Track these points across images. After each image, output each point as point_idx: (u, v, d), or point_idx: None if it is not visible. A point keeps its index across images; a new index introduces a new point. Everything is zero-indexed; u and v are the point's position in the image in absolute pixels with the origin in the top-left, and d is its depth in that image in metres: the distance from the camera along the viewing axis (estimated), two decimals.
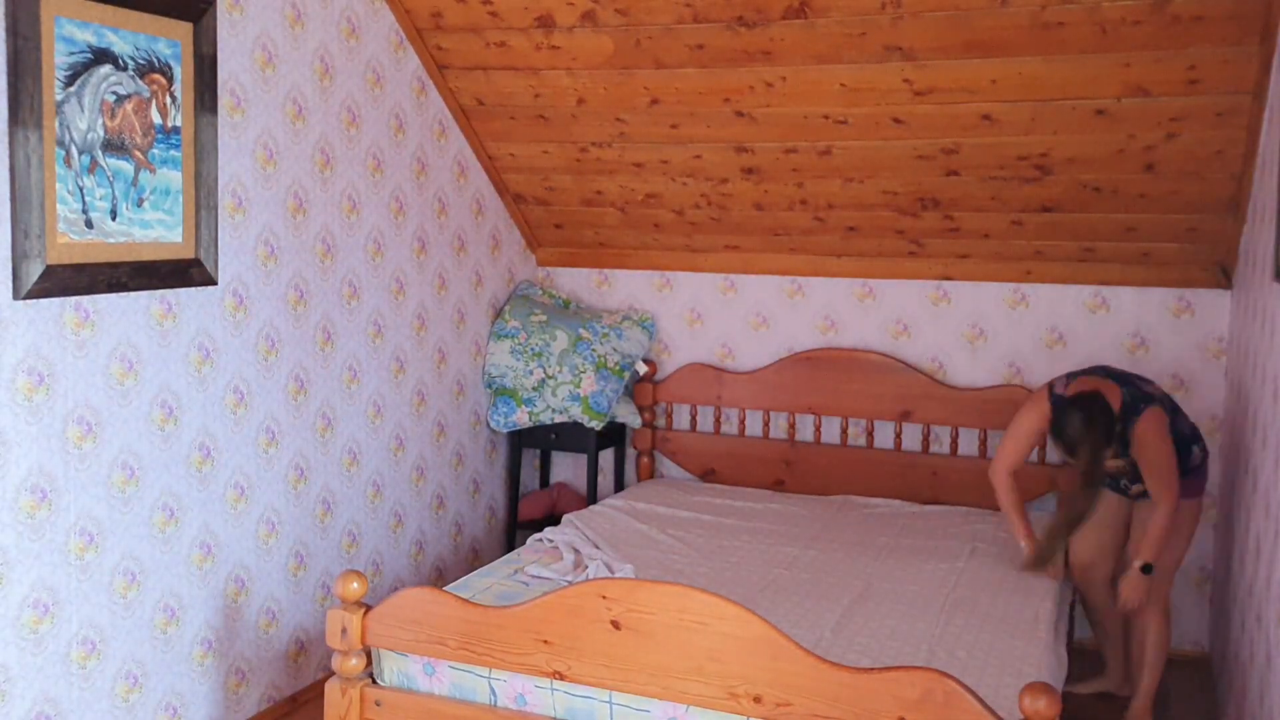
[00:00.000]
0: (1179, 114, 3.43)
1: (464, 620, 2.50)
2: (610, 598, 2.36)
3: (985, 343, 4.34)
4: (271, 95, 3.33)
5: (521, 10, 3.67)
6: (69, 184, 2.66)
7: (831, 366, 4.46)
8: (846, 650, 2.70)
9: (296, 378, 3.50)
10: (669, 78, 3.80)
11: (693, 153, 4.13)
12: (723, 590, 2.98)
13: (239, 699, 3.34)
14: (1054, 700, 2.02)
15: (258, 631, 3.41)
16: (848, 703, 2.16)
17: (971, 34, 3.32)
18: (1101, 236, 4.03)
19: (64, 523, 2.75)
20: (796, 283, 4.59)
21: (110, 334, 2.84)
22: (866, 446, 4.47)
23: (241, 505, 3.31)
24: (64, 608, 2.77)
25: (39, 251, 2.59)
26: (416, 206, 4.08)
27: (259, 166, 3.30)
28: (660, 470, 4.84)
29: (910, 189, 4.02)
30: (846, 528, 3.85)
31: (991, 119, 3.62)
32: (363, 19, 3.71)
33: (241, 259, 3.25)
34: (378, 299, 3.89)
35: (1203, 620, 4.12)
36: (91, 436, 2.81)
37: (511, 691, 2.52)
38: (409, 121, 4.00)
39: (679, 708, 2.35)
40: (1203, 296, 4.06)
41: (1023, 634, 2.88)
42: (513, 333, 4.56)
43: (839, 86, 3.64)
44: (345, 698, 2.60)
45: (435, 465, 4.29)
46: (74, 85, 2.65)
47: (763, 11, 3.43)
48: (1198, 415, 4.07)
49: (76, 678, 2.81)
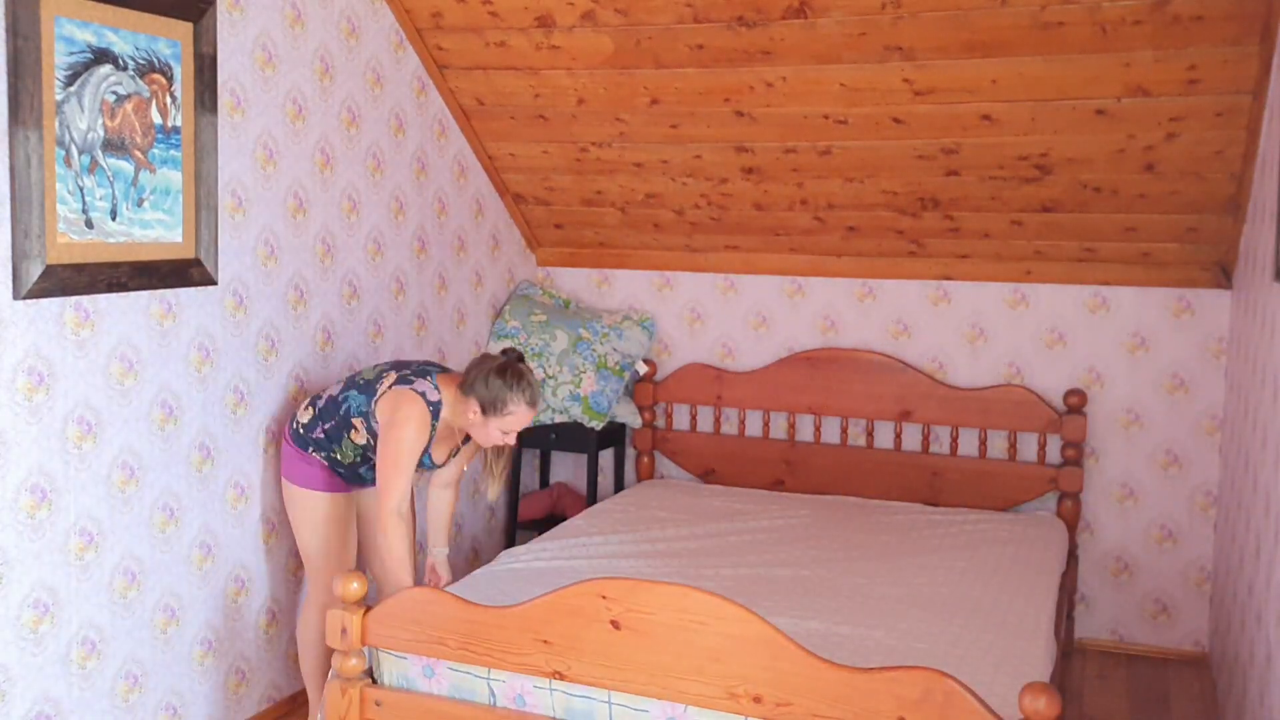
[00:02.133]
0: (1179, 114, 3.43)
1: (464, 620, 2.50)
2: (610, 598, 2.36)
3: (985, 343, 4.34)
4: (271, 95, 3.33)
5: (521, 10, 3.67)
6: (69, 184, 2.66)
7: (831, 366, 4.46)
8: (846, 650, 2.70)
9: (296, 378, 3.50)
10: (669, 78, 3.80)
11: (693, 153, 4.13)
12: (723, 590, 2.97)
13: (239, 699, 3.34)
14: (1054, 700, 2.02)
15: (258, 631, 3.41)
16: (848, 703, 2.16)
17: (971, 34, 3.32)
18: (1101, 236, 4.03)
19: (64, 523, 2.75)
20: (796, 282, 4.59)
21: (110, 334, 2.84)
22: (866, 446, 4.47)
23: (241, 505, 3.31)
24: (64, 608, 2.77)
25: (39, 251, 2.59)
26: (416, 206, 4.08)
27: (259, 166, 3.30)
28: (660, 470, 4.84)
29: (910, 189, 4.02)
30: (846, 528, 3.85)
31: (991, 119, 3.62)
32: (363, 19, 3.71)
33: (241, 259, 3.25)
34: (378, 299, 3.89)
35: (1203, 620, 4.12)
36: (91, 436, 2.81)
37: (510, 692, 2.52)
38: (409, 121, 4.00)
39: (678, 708, 2.35)
40: (1203, 296, 4.06)
41: (1023, 634, 2.87)
42: (513, 333, 4.56)
43: (839, 86, 3.64)
44: (345, 698, 2.59)
45: None
46: (74, 85, 2.65)
47: (763, 11, 3.43)
48: (1198, 415, 4.08)
49: (76, 677, 2.81)
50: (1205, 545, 4.09)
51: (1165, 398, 4.12)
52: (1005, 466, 4.23)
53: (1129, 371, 4.16)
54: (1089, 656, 4.17)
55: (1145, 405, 4.15)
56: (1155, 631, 4.18)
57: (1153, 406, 4.14)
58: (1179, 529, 4.13)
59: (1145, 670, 4.04)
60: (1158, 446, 4.14)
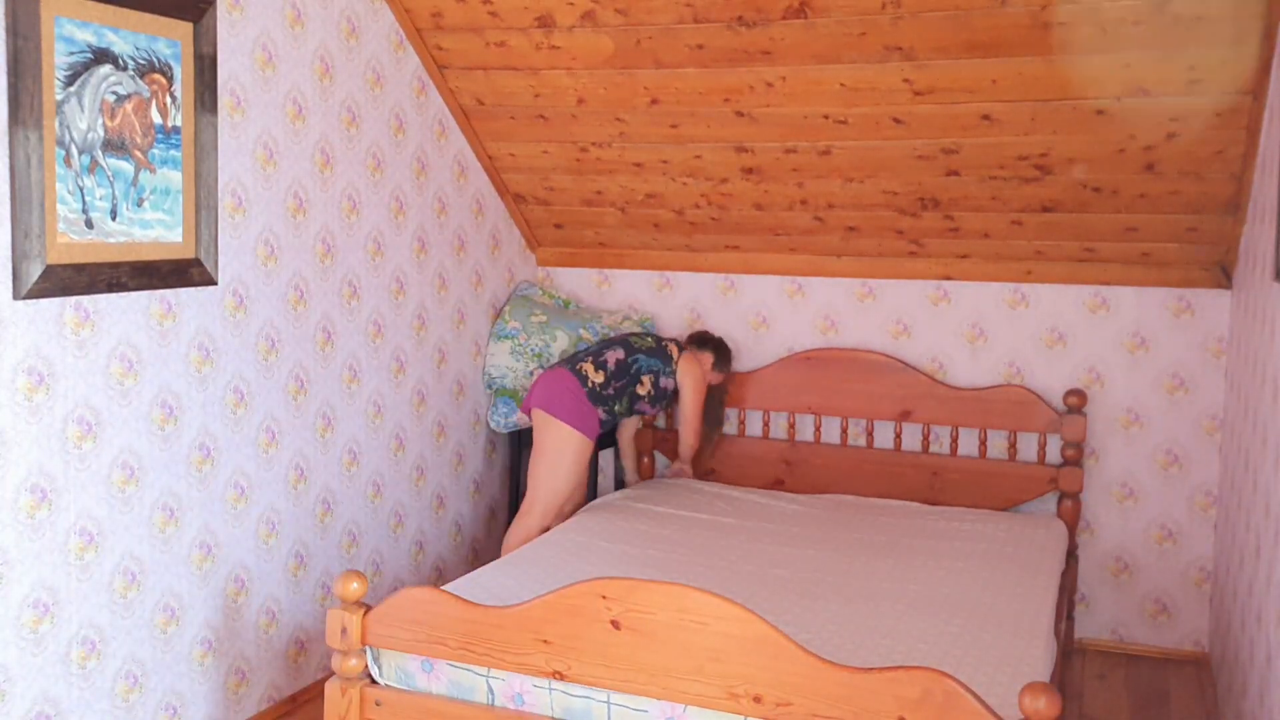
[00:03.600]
0: (1179, 114, 3.43)
1: (464, 620, 2.50)
2: (610, 597, 2.36)
3: (985, 343, 4.34)
4: (271, 95, 3.33)
5: (521, 10, 3.67)
6: (69, 184, 2.66)
7: (831, 366, 4.47)
8: (846, 650, 2.70)
9: (296, 377, 3.50)
10: (669, 78, 3.80)
11: (693, 153, 4.13)
12: (723, 590, 2.97)
13: (239, 699, 3.34)
14: (1054, 700, 2.02)
15: (258, 631, 3.41)
16: (848, 702, 2.16)
17: (971, 34, 3.32)
18: (1102, 236, 4.03)
19: (64, 522, 2.75)
20: (796, 282, 4.60)
21: (110, 334, 2.84)
22: (866, 446, 4.47)
23: (241, 505, 3.31)
24: (64, 607, 2.77)
25: (39, 251, 2.59)
26: (416, 206, 4.08)
27: (259, 166, 3.30)
28: (660, 470, 4.84)
29: (910, 189, 4.02)
30: (846, 527, 3.85)
31: (991, 119, 3.62)
32: (363, 19, 3.71)
33: (241, 259, 3.25)
34: (378, 299, 3.89)
35: (1203, 620, 4.12)
36: (91, 436, 2.81)
37: (509, 691, 2.52)
38: (409, 121, 4.00)
39: (677, 708, 2.35)
40: (1203, 296, 4.06)
41: (1023, 634, 2.87)
42: (513, 333, 4.56)
43: (839, 86, 3.64)
44: (345, 697, 2.59)
45: (435, 465, 4.30)
46: (74, 85, 2.65)
47: (763, 11, 3.43)
48: (1198, 415, 4.08)
49: (76, 677, 2.81)
50: (1205, 545, 4.09)
51: (1165, 398, 4.12)
52: (1005, 466, 4.23)
53: (1129, 371, 4.16)
54: (1089, 656, 4.17)
55: (1145, 405, 4.15)
56: (1155, 631, 4.19)
57: (1153, 406, 4.14)
58: (1179, 529, 4.13)
59: (1145, 670, 4.04)
60: (1158, 446, 4.14)
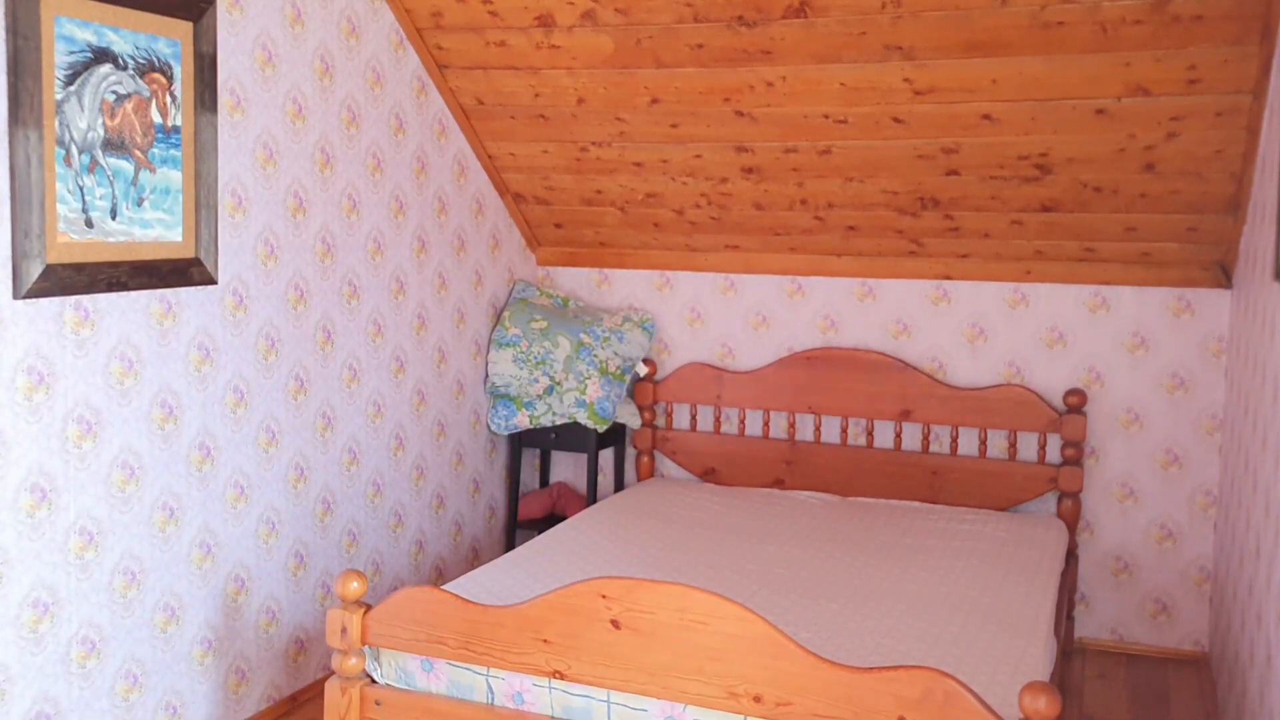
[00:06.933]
0: (1179, 114, 3.43)
1: (463, 619, 2.50)
2: (610, 597, 2.36)
3: (985, 342, 4.34)
4: (271, 95, 3.33)
5: (521, 10, 3.67)
6: (69, 183, 2.66)
7: (831, 366, 4.47)
8: (846, 650, 2.70)
9: (296, 377, 3.50)
10: (669, 77, 3.80)
11: (693, 152, 4.13)
12: (723, 590, 2.98)
13: (239, 698, 3.34)
14: (1054, 700, 2.02)
15: (258, 631, 3.41)
16: (848, 702, 2.16)
17: (971, 34, 3.32)
18: (1102, 236, 4.03)
19: (64, 522, 2.75)
20: (796, 282, 4.60)
21: (110, 333, 2.84)
22: (866, 446, 4.47)
23: (241, 505, 3.31)
24: (64, 607, 2.77)
25: (39, 251, 2.59)
26: (416, 206, 4.08)
27: (259, 166, 3.30)
28: (660, 470, 4.84)
29: (910, 189, 4.02)
30: (846, 527, 3.85)
31: (991, 119, 3.62)
32: (363, 18, 3.71)
33: (241, 258, 3.25)
34: (378, 299, 3.89)
35: (1203, 620, 4.12)
36: (91, 436, 2.81)
37: (509, 690, 2.52)
38: (409, 121, 4.00)
39: (677, 707, 2.35)
40: (1203, 296, 4.06)
41: (1022, 634, 2.87)
42: (514, 341, 4.55)
43: (839, 86, 3.64)
44: (345, 697, 2.60)
45: (435, 465, 4.30)
46: (74, 85, 2.65)
47: (763, 11, 3.43)
48: (1198, 415, 4.08)
49: (76, 677, 2.81)
50: (1205, 545, 4.09)
51: (1165, 397, 4.12)
52: (1005, 466, 4.23)
53: (1129, 371, 4.16)
54: (1089, 656, 4.17)
55: (1145, 405, 4.15)
56: (1155, 631, 4.19)
57: (1153, 406, 4.14)
58: (1179, 529, 4.13)
59: (1145, 670, 4.04)
60: (1158, 446, 4.14)
